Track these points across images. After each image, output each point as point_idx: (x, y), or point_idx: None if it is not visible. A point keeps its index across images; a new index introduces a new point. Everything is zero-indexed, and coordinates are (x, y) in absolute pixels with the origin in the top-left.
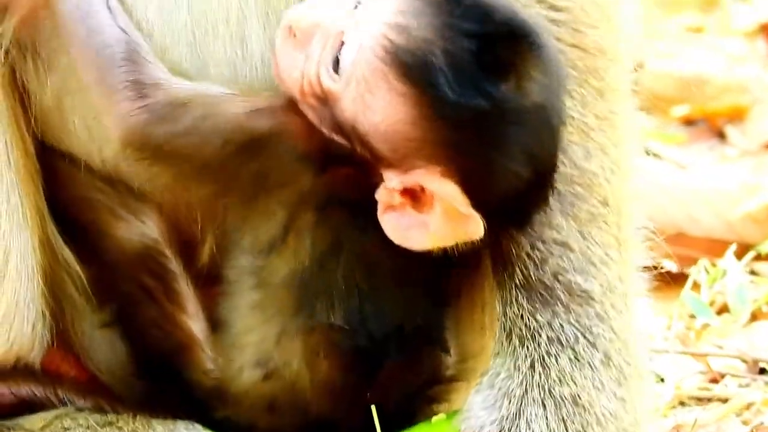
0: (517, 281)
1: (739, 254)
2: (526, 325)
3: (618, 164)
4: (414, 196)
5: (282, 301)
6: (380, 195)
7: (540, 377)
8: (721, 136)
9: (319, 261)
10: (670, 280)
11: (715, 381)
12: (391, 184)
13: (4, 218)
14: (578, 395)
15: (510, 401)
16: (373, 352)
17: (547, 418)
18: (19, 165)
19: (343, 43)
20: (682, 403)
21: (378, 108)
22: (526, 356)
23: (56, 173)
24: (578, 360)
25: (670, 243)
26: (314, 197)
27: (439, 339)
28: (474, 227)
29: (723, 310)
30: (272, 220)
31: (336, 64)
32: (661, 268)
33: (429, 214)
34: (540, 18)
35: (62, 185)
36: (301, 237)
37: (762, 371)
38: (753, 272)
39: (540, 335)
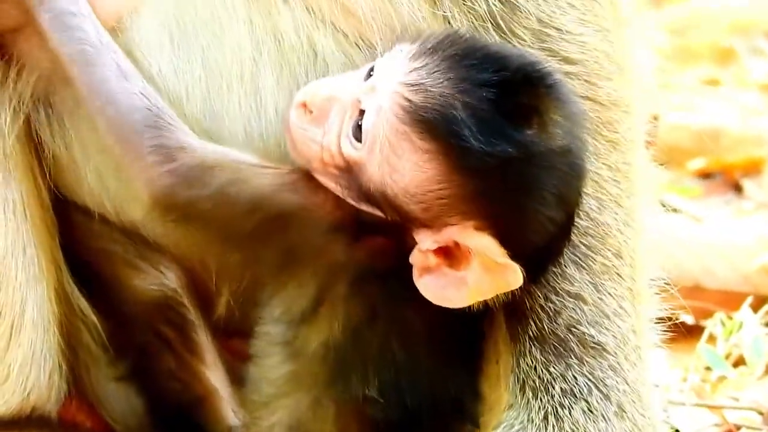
0: (531, 333)
1: (755, 307)
2: (539, 377)
3: (631, 216)
4: (448, 253)
5: (316, 372)
6: (415, 259)
7: (554, 429)
8: (737, 188)
9: (354, 332)
10: (687, 333)
11: None
12: (425, 245)
13: (21, 270)
14: None
15: None
16: (405, 424)
17: None
18: (35, 216)
19: (362, 111)
20: None
21: (405, 170)
22: (539, 408)
23: (72, 225)
24: (592, 412)
25: (686, 296)
26: (347, 269)
27: (471, 413)
28: (513, 277)
29: (739, 362)
30: (303, 291)
31: (357, 132)
32: (678, 320)
33: (466, 270)
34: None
35: (78, 237)
36: (335, 308)
37: None
38: None
39: (553, 387)
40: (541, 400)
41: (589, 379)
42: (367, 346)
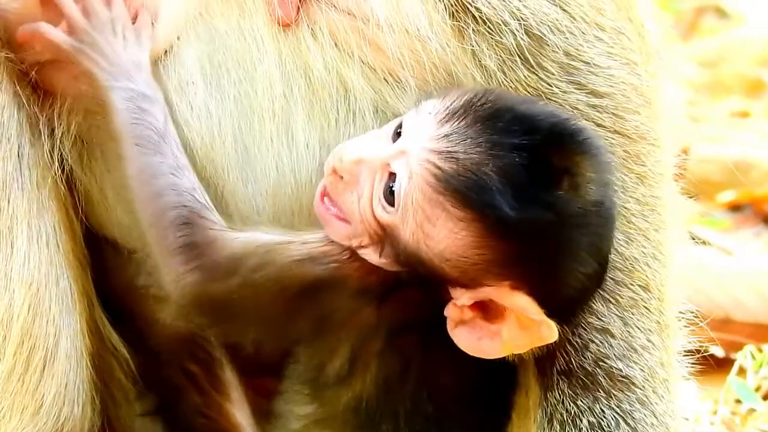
0: (559, 367)
1: None
2: (567, 410)
3: (659, 249)
4: (484, 307)
5: (346, 422)
6: (449, 312)
7: None
8: (767, 221)
9: (386, 386)
10: (717, 365)
11: None
12: (460, 301)
13: (54, 301)
14: None
15: None
16: None
17: None
18: (67, 249)
19: (392, 174)
20: None
21: (440, 237)
22: None
23: (101, 259)
24: None
25: (716, 328)
26: (380, 327)
27: None
28: (548, 332)
29: None
30: (336, 354)
31: (389, 195)
32: (708, 353)
33: (501, 324)
34: (579, 104)
35: (108, 272)
36: (368, 366)
37: None
38: None
39: (581, 420)
40: None
41: (617, 413)
42: (398, 398)
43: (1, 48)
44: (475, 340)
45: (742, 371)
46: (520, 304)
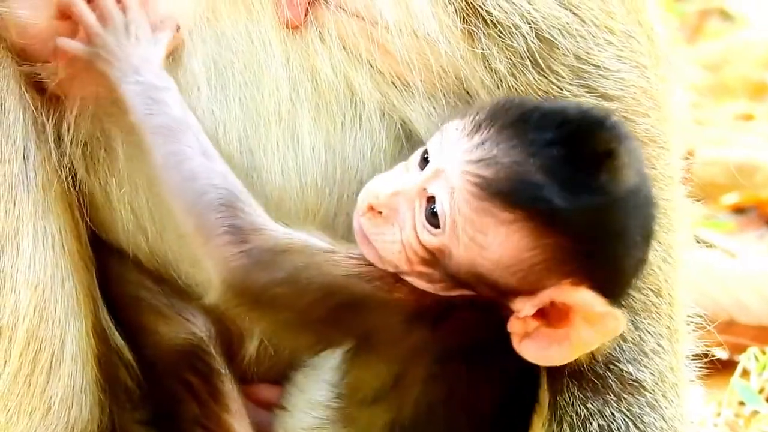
0: (569, 370)
1: None
2: (576, 413)
3: (670, 252)
4: (546, 315)
5: None
6: (513, 327)
7: None
8: None
9: (428, 411)
10: (720, 367)
11: None
12: (523, 312)
13: (60, 303)
14: None
15: None
16: None
17: None
18: (72, 251)
19: (431, 198)
20: None
21: (494, 245)
22: None
23: (104, 268)
24: None
25: (719, 330)
26: (428, 353)
27: None
28: (615, 323)
29: None
30: (378, 376)
31: (432, 218)
32: (711, 355)
33: (567, 327)
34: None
35: (110, 283)
36: (411, 390)
37: None
38: None
39: (591, 423)
40: None
41: (627, 416)
42: (437, 423)
43: (8, 53)
44: (543, 350)
45: (745, 373)
46: (585, 299)
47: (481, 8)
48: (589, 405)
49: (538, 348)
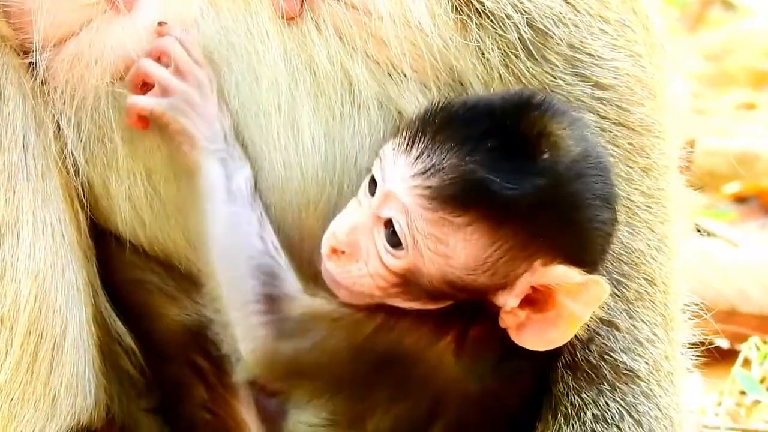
0: (564, 360)
1: None
2: (571, 403)
3: (664, 242)
4: (531, 300)
5: None
6: (504, 321)
7: None
8: None
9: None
10: (721, 357)
11: None
12: (508, 305)
13: (61, 292)
14: None
15: None
16: None
17: None
18: (72, 240)
19: (387, 221)
20: None
21: (458, 251)
22: None
23: (107, 256)
24: None
25: (721, 320)
26: (460, 377)
27: None
28: (598, 289)
29: None
30: (416, 412)
31: (393, 239)
32: (712, 344)
33: (556, 307)
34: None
35: (113, 268)
36: (446, 414)
37: None
38: None
39: (585, 413)
40: (572, 425)
41: (622, 406)
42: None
43: (6, 43)
44: (541, 335)
45: (747, 363)
46: (560, 274)
47: None
48: (583, 395)
49: (535, 335)
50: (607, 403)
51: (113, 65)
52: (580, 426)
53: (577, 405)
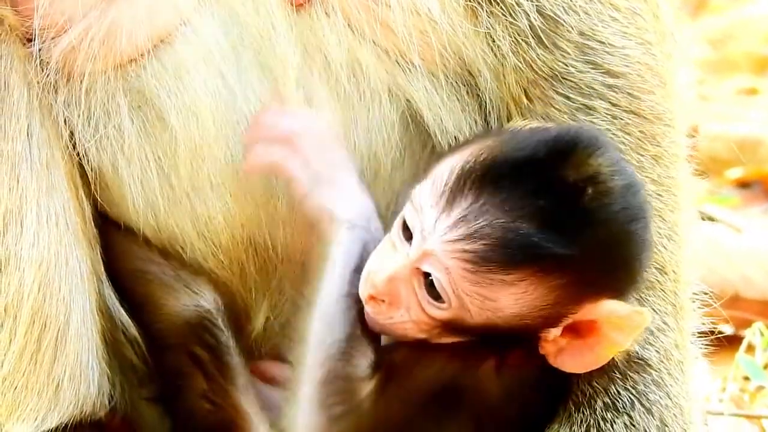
0: None
1: None
2: (582, 391)
3: (675, 230)
4: (572, 329)
5: None
6: (544, 349)
7: None
8: None
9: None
10: (725, 343)
11: None
12: (551, 336)
13: (65, 281)
14: None
15: None
16: None
17: None
18: (76, 229)
19: (426, 273)
20: None
21: (507, 303)
22: (581, 421)
23: (110, 246)
24: (634, 426)
25: (725, 306)
26: (502, 398)
27: None
28: (640, 318)
29: None
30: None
31: (434, 292)
32: (717, 331)
33: (596, 335)
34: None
35: (116, 258)
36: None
37: None
38: None
39: (596, 401)
40: (583, 413)
41: (632, 394)
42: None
43: (10, 32)
44: (580, 360)
45: (750, 348)
46: (607, 310)
47: None
48: (594, 383)
49: (574, 360)
50: (618, 392)
51: (120, 48)
52: (590, 413)
53: (588, 393)
